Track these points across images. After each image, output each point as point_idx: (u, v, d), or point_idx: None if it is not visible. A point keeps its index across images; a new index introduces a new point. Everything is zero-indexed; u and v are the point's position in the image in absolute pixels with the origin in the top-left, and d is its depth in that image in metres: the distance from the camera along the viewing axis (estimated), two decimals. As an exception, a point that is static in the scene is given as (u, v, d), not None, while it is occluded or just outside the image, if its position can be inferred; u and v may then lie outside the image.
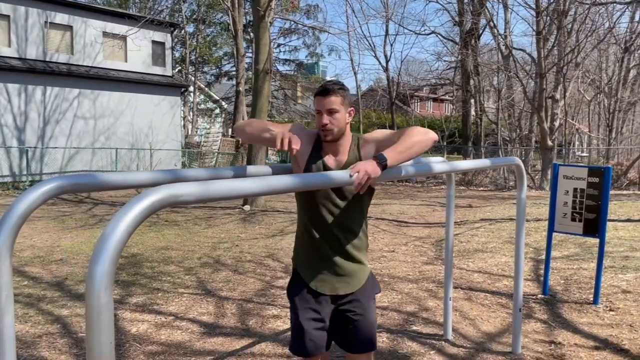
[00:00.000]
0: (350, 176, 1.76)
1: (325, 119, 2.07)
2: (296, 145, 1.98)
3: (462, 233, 7.47)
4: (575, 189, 4.29)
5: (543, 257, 5.40)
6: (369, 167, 1.85)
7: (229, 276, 5.28)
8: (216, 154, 21.62)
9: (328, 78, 32.95)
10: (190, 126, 27.82)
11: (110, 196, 13.74)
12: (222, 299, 4.55)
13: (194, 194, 1.24)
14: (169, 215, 9.73)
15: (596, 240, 4.45)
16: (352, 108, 2.17)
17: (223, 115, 31.96)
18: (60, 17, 16.03)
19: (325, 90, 2.08)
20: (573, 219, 4.31)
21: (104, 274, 1.04)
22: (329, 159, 2.15)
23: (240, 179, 1.38)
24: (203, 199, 1.27)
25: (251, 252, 6.40)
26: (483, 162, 2.67)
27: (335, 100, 2.07)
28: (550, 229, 4.47)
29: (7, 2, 14.69)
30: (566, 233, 4.41)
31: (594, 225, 4.19)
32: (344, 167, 2.12)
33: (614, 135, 23.04)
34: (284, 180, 1.51)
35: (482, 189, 17.27)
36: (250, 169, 2.08)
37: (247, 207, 10.63)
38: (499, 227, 7.74)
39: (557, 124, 17.77)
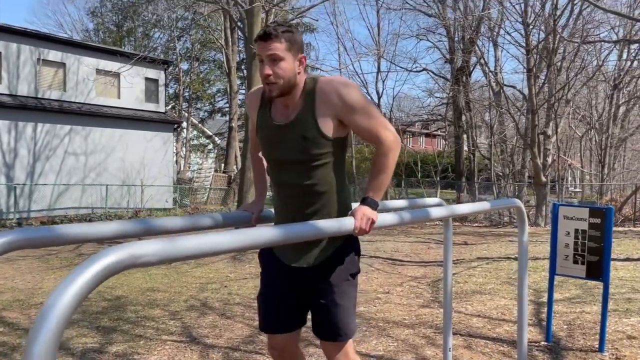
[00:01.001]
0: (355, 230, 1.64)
1: (267, 69, 1.74)
2: (253, 221, 1.91)
3: (458, 273, 7.26)
4: (576, 230, 4.13)
5: (543, 299, 5.21)
6: (368, 211, 1.72)
7: (216, 321, 5.03)
8: (208, 189, 21.44)
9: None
10: (182, 162, 27.70)
11: (99, 234, 13.46)
12: (207, 346, 4.30)
13: (159, 254, 1.07)
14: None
15: (598, 282, 4.28)
16: (303, 55, 1.82)
17: (216, 151, 31.92)
18: (54, 55, 16.06)
19: (266, 34, 1.73)
20: (575, 262, 4.14)
21: (43, 354, 0.86)
22: (277, 114, 1.89)
23: (215, 233, 1.21)
24: (170, 259, 1.09)
25: (240, 294, 6.15)
26: (483, 205, 2.52)
27: (278, 47, 1.73)
28: (552, 272, 4.29)
29: (-1, 39, 14.73)
30: (568, 276, 4.23)
31: (597, 268, 4.02)
32: (294, 122, 1.83)
33: (606, 171, 23.11)
34: (267, 233, 1.34)
35: (476, 224, 17.11)
36: (232, 215, 1.91)
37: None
38: (497, 267, 7.54)
39: (549, 159, 17.80)
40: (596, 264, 4.04)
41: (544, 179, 16.46)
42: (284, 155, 1.87)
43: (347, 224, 1.60)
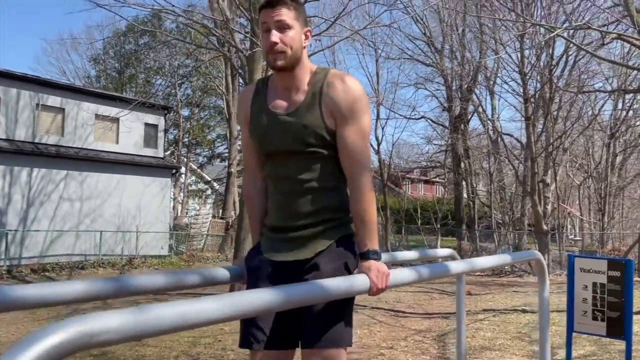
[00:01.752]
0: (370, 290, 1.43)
1: (275, 35, 1.60)
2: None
3: (465, 326, 6.91)
4: (594, 284, 3.87)
5: (557, 357, 4.89)
6: (381, 266, 1.52)
7: (208, 380, 4.68)
8: (205, 235, 21.09)
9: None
10: (180, 207, 27.44)
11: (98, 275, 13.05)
12: (197, 410, 3.94)
13: (123, 330, 0.83)
14: (149, 300, 9.07)
15: (620, 340, 3.98)
16: (308, 29, 1.70)
17: (214, 197, 31.72)
18: (53, 100, 16.07)
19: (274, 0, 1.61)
20: (594, 318, 3.85)
21: None
22: (277, 101, 1.70)
23: (198, 301, 0.97)
24: (138, 335, 0.85)
25: (234, 349, 5.79)
26: (504, 259, 2.29)
27: (287, 13, 1.61)
28: (570, 329, 4.00)
29: (-1, 84, 14.75)
30: (587, 334, 3.93)
31: (619, 325, 3.72)
32: (299, 110, 1.65)
33: (606, 219, 22.90)
34: (261, 298, 1.10)
35: (479, 273, 16.71)
36: (222, 270, 1.66)
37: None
38: (504, 320, 7.20)
39: (549, 207, 17.61)
40: (617, 320, 3.75)
41: (545, 227, 16.21)
42: (281, 146, 1.70)
43: (360, 283, 1.37)
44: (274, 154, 1.73)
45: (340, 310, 1.57)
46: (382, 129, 22.73)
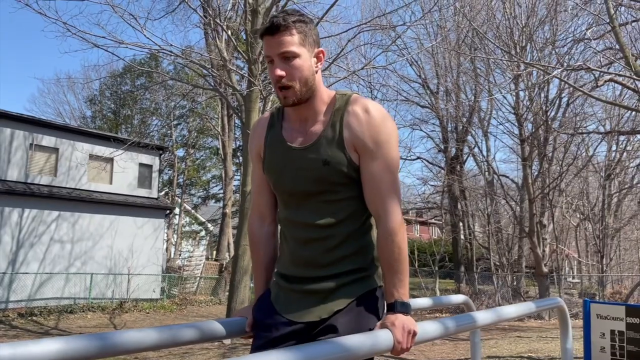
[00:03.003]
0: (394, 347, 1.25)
1: (279, 69, 1.41)
2: (248, 327, 1.51)
3: (469, 374, 6.60)
4: (612, 331, 3.66)
5: (572, 409, 4.60)
6: (407, 321, 1.32)
7: None
8: (198, 278, 20.65)
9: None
10: (173, 249, 27.03)
11: (80, 327, 12.61)
12: None
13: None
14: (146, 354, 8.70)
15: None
16: (320, 49, 1.49)
17: (208, 238, 31.33)
18: (47, 140, 15.97)
19: (274, 25, 1.41)
20: (614, 368, 3.62)
21: None
22: (292, 133, 1.50)
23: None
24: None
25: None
26: (528, 307, 2.11)
27: (290, 40, 1.41)
28: (588, 380, 3.76)
29: (-8, 124, 14.66)
30: (607, 385, 3.69)
31: (641, 376, 3.50)
32: (316, 143, 1.46)
33: (605, 261, 22.69)
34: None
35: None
36: (221, 324, 1.46)
37: (227, 341, 9.64)
38: (511, 368, 6.90)
39: (547, 249, 17.41)
40: (638, 371, 3.53)
41: (545, 269, 15.97)
42: (297, 185, 1.50)
43: (383, 340, 1.19)
44: (290, 194, 1.54)
45: None
46: (378, 169, 22.66)
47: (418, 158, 25.07)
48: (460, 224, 23.49)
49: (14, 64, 58.09)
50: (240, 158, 19.57)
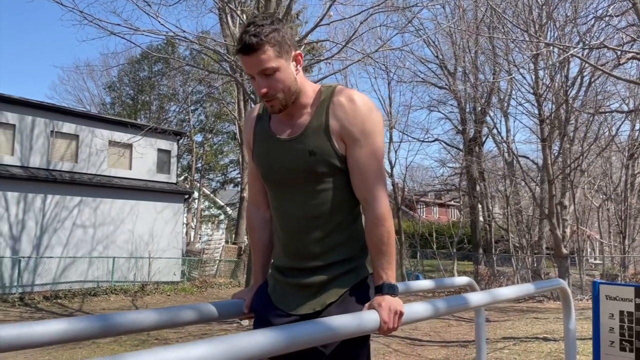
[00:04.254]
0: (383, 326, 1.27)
1: (262, 85, 1.43)
2: (245, 309, 1.58)
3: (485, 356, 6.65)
4: (621, 312, 3.66)
5: (584, 389, 4.63)
6: (393, 302, 1.35)
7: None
8: (217, 261, 20.95)
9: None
10: (192, 233, 27.41)
11: (103, 309, 12.95)
12: None
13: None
14: (160, 333, 8.93)
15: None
16: (297, 52, 1.49)
17: (226, 222, 31.68)
18: (67, 127, 16.24)
19: (247, 46, 1.39)
20: (622, 349, 3.63)
21: None
22: (279, 125, 1.54)
23: (183, 346, 0.85)
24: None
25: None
26: (527, 289, 2.14)
27: (266, 58, 1.40)
28: (597, 360, 3.77)
29: (14, 111, 14.94)
30: (616, 365, 3.70)
31: (650, 357, 3.50)
32: (305, 135, 1.49)
33: (627, 242, 22.38)
34: (259, 341, 0.97)
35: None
36: (218, 305, 1.53)
37: (245, 322, 9.83)
38: (525, 349, 6.92)
39: (568, 231, 17.23)
40: (648, 351, 3.53)
41: (564, 250, 15.82)
42: (285, 177, 1.54)
43: (369, 320, 1.24)
44: (278, 185, 1.57)
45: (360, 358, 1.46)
46: (395, 152, 22.66)
47: (436, 140, 24.89)
48: (479, 205, 23.35)
49: (34, 53, 58.90)
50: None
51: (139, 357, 0.78)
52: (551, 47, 13.25)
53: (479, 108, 21.89)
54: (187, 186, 24.71)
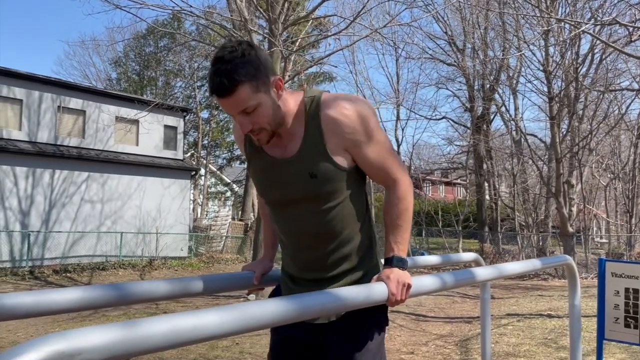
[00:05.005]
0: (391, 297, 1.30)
1: (245, 123, 1.35)
2: (255, 281, 1.57)
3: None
4: (627, 289, 3.68)
5: (587, 365, 4.68)
6: (402, 275, 1.36)
7: (225, 385, 4.60)
8: (224, 237, 21.12)
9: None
10: (199, 209, 27.57)
11: (112, 283, 13.13)
12: (213, 417, 3.86)
13: (108, 348, 0.73)
14: (168, 305, 9.07)
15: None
16: (275, 78, 1.37)
17: (233, 198, 31.82)
18: (74, 102, 16.26)
19: (221, 89, 1.28)
20: (627, 325, 3.66)
21: None
22: (273, 148, 1.47)
23: (197, 313, 0.87)
24: (126, 353, 0.75)
25: (252, 353, 5.71)
26: (533, 264, 2.15)
27: (243, 97, 1.30)
28: (600, 337, 3.81)
29: (21, 86, 14.95)
30: (619, 342, 3.74)
31: (654, 333, 3.53)
32: (298, 155, 1.43)
33: (634, 221, 22.33)
34: (270, 310, 0.99)
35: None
36: (228, 277, 1.56)
37: (252, 297, 9.94)
38: (529, 325, 6.99)
39: (574, 209, 17.19)
40: (652, 328, 3.56)
41: (570, 229, 15.82)
42: (286, 196, 1.48)
43: (377, 292, 1.26)
44: (278, 204, 1.52)
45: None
46: (402, 129, 22.50)
47: (444, 118, 24.76)
48: (486, 184, 23.30)
49: (40, 27, 58.61)
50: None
51: (154, 322, 0.80)
52: (562, 23, 13.04)
53: (488, 85, 21.69)
54: (194, 163, 24.78)
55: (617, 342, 3.78)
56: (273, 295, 1.68)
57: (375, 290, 1.26)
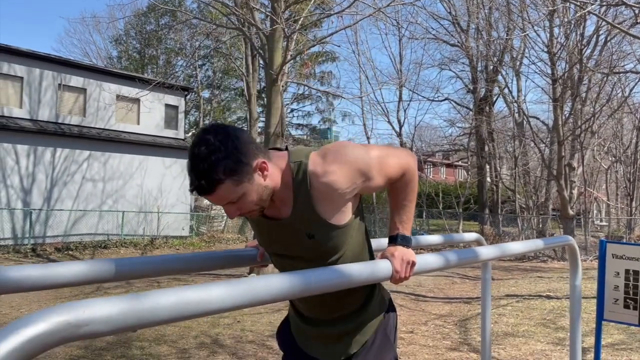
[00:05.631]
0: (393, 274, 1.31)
1: (232, 211, 1.32)
2: (259, 257, 1.57)
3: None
4: (627, 271, 3.69)
5: (584, 345, 4.73)
6: (406, 252, 1.37)
7: (226, 361, 4.65)
8: (225, 217, 21.19)
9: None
10: (201, 189, 27.60)
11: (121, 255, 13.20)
12: (215, 392, 3.91)
13: (114, 320, 0.73)
14: (170, 284, 9.14)
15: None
16: (258, 161, 1.30)
17: (234, 179, 31.83)
18: (75, 80, 16.17)
19: (200, 190, 1.25)
20: (626, 306, 3.68)
21: None
22: (268, 209, 1.43)
23: (203, 286, 0.87)
24: (131, 325, 0.75)
25: (253, 330, 5.77)
26: (536, 244, 2.15)
27: (225, 194, 1.26)
28: (599, 317, 3.83)
29: (22, 64, 14.85)
30: (618, 322, 3.77)
31: (653, 315, 3.55)
32: (293, 218, 1.39)
33: (634, 204, 22.37)
34: (275, 284, 0.99)
35: (501, 259, 16.46)
36: (232, 253, 1.56)
37: (252, 276, 10.01)
38: (528, 306, 7.04)
39: (575, 192, 17.19)
40: (651, 309, 3.58)
41: (571, 212, 15.84)
42: (289, 252, 1.47)
43: (382, 269, 1.26)
44: (281, 257, 1.51)
45: None
46: (405, 111, 22.43)
47: (446, 99, 24.62)
48: (487, 166, 23.28)
49: (40, 3, 57.98)
50: (265, 99, 19.53)
51: (161, 295, 0.80)
52: (568, 4, 12.88)
53: (491, 67, 21.52)
54: (195, 142, 24.70)
55: (616, 322, 3.81)
56: (284, 328, 1.70)
57: (379, 268, 1.26)
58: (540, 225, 20.06)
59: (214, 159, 1.22)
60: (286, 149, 1.47)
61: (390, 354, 1.56)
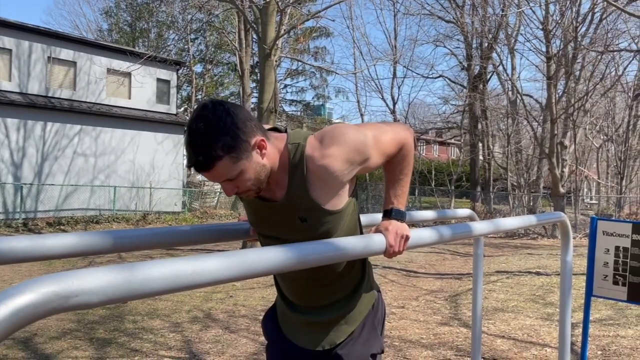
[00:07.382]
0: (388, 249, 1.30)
1: (229, 188, 1.31)
2: (252, 231, 1.54)
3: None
4: (617, 247, 3.73)
5: (573, 320, 4.80)
6: (400, 226, 1.35)
7: (219, 335, 4.69)
8: (218, 193, 21.17)
9: (334, 120, 32.77)
10: (193, 165, 27.49)
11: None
12: (207, 365, 3.95)
13: (104, 291, 0.72)
14: (163, 257, 9.15)
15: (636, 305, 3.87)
16: (257, 139, 1.29)
17: (227, 155, 31.71)
18: (65, 53, 15.92)
19: (198, 166, 1.23)
20: (615, 282, 3.73)
21: None
22: (263, 191, 1.41)
23: (195, 259, 0.86)
24: (122, 297, 0.74)
25: (246, 305, 5.81)
26: (529, 220, 2.16)
27: (223, 171, 1.25)
28: (589, 293, 3.88)
29: (10, 36, 14.58)
30: (607, 298, 3.82)
31: (641, 291, 3.60)
32: (286, 201, 1.38)
33: (624, 183, 22.55)
34: (269, 256, 0.98)
35: (491, 235, 16.63)
36: (224, 227, 1.54)
37: (246, 252, 10.07)
38: (518, 282, 7.13)
39: (567, 170, 17.29)
40: (639, 285, 3.63)
41: (562, 189, 15.95)
42: (280, 235, 1.45)
43: (376, 242, 1.25)
44: (273, 238, 1.47)
45: None
46: (399, 88, 22.30)
47: (440, 76, 24.51)
48: (480, 144, 23.32)
49: (27, -26, 56.62)
50: (258, 75, 19.30)
51: (153, 266, 0.79)
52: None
53: (486, 44, 21.39)
54: (187, 117, 24.53)
55: (605, 298, 3.86)
56: (270, 316, 1.68)
57: (373, 241, 1.26)
58: (531, 203, 20.22)
59: (213, 135, 1.21)
60: (285, 130, 1.45)
61: (376, 346, 1.55)
